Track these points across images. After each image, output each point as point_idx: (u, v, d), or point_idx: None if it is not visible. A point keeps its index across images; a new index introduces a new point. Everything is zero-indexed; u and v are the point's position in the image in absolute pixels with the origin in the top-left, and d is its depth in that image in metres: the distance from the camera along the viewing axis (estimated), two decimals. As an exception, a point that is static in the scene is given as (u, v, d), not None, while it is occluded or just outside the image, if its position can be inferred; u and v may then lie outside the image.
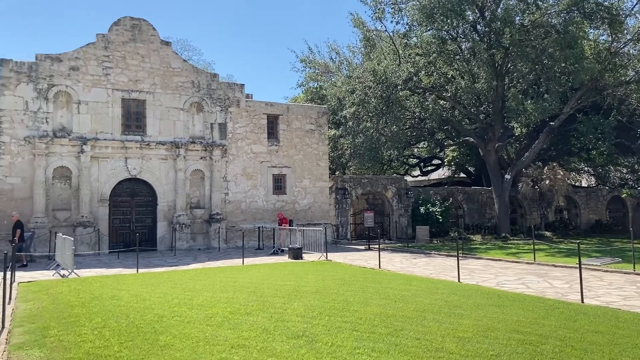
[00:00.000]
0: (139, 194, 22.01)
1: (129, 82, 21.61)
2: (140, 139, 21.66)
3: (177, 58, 23.08)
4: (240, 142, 23.87)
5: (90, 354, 6.14)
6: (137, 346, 6.47)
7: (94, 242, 20.09)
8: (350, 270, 14.96)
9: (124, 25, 21.66)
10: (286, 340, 6.81)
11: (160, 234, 21.94)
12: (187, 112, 22.84)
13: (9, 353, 6.38)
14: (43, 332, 7.29)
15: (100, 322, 7.79)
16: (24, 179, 19.69)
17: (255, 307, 8.94)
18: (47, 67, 20.25)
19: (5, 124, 19.50)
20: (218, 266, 16.18)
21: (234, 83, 24.31)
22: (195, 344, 6.60)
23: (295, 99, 38.09)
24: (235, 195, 23.61)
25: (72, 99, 20.65)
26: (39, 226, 19.16)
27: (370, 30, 29.86)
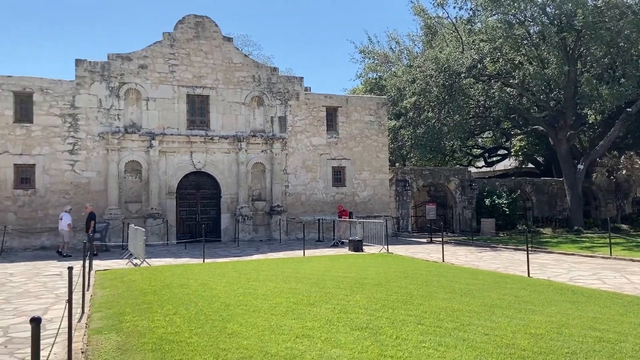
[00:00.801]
0: (203, 186, 22.71)
1: (193, 78, 22.29)
2: (204, 134, 22.31)
3: (239, 53, 23.53)
4: (299, 135, 24.05)
5: (163, 340, 6.38)
6: (206, 333, 6.66)
7: (162, 233, 20.98)
8: (413, 263, 14.72)
9: (188, 23, 22.34)
10: (350, 332, 6.78)
11: (224, 225, 22.56)
12: (248, 106, 23.27)
13: (89, 337, 6.74)
14: (119, 317, 7.67)
15: (171, 309, 8.10)
16: (99, 172, 20.82)
17: (317, 298, 8.98)
18: (118, 66, 21.25)
19: (81, 121, 20.67)
20: (280, 257, 16.43)
21: (293, 76, 24.49)
22: (261, 332, 6.70)
23: (354, 90, 37.90)
24: (295, 188, 23.86)
25: (141, 96, 21.57)
26: (112, 217, 20.22)
27: (431, 18, 29.13)
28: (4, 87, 19.70)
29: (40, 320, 3.95)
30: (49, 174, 20.20)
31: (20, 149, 19.83)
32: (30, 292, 10.79)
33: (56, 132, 20.33)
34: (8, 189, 19.62)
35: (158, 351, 5.94)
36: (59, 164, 20.33)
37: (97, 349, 6.17)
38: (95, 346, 6.30)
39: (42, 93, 20.19)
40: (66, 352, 6.41)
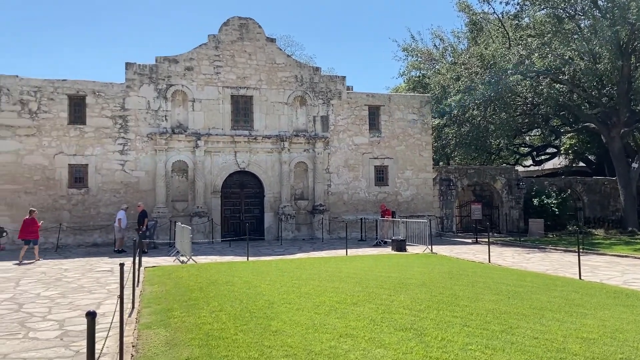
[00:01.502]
0: (247, 185, 23.05)
1: (237, 79, 22.66)
2: (248, 134, 22.64)
3: (282, 54, 23.75)
4: (342, 134, 24.04)
5: (210, 336, 6.51)
6: (251, 330, 6.76)
7: (208, 231, 21.44)
8: (458, 263, 14.45)
9: (232, 25, 22.73)
10: (394, 332, 6.72)
11: (267, 224, 22.84)
12: (291, 106, 23.45)
13: (139, 331, 6.97)
14: (167, 313, 7.89)
15: (217, 305, 8.26)
16: (147, 172, 21.48)
17: (361, 297, 8.95)
18: (165, 68, 21.86)
19: (131, 122, 21.39)
20: (322, 256, 16.47)
21: (335, 76, 24.49)
22: (305, 330, 6.74)
23: (397, 88, 37.53)
24: (337, 187, 23.86)
25: (187, 97, 22.11)
26: (160, 216, 20.82)
27: (476, 14, 28.49)
28: (59, 91, 20.63)
29: (95, 315, 4.11)
30: (100, 173, 21.00)
31: (74, 149, 20.71)
32: (83, 287, 11.25)
33: (107, 133, 21.12)
34: (63, 188, 20.53)
35: (205, 347, 6.08)
36: (110, 163, 21.11)
37: (146, 343, 6.37)
38: (145, 340, 6.51)
39: (95, 96, 21.02)
40: (118, 346, 6.66)
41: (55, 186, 20.42)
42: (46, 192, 20.26)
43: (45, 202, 20.15)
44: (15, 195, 19.86)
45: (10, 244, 19.55)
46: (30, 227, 16.20)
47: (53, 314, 8.54)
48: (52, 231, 19.86)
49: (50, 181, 20.35)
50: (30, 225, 16.25)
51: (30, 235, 16.19)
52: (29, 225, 16.28)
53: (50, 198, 20.27)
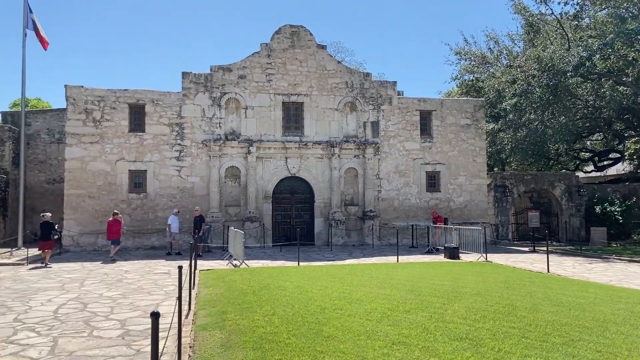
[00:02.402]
0: (297, 191, 23.26)
1: (288, 86, 22.97)
2: (299, 140, 22.87)
3: (332, 60, 23.88)
4: (392, 140, 23.85)
5: (263, 339, 6.61)
6: (303, 335, 6.80)
7: (259, 236, 21.79)
8: (514, 272, 13.97)
9: (284, 33, 23.09)
10: (448, 342, 6.58)
11: (317, 229, 22.94)
12: (341, 112, 23.51)
13: (195, 333, 7.17)
14: (222, 315, 8.07)
15: (269, 309, 8.37)
16: (202, 178, 22.10)
17: (413, 305, 8.82)
18: (219, 77, 22.47)
19: (187, 130, 22.10)
20: (373, 263, 16.36)
21: (386, 81, 24.35)
22: (357, 337, 6.71)
23: (449, 93, 36.85)
24: (388, 193, 23.67)
25: (240, 105, 22.62)
26: (214, 220, 21.35)
27: (533, 15, 27.55)
28: (120, 100, 21.61)
29: (159, 315, 4.29)
30: (158, 179, 21.79)
31: (134, 156, 21.61)
32: (143, 288, 11.69)
33: (165, 140, 21.91)
34: (123, 193, 21.44)
35: (259, 350, 6.17)
36: (167, 169, 21.87)
37: (203, 345, 6.54)
38: (201, 342, 6.68)
39: (153, 104, 21.87)
40: (176, 346, 6.87)
41: (117, 191, 21.36)
42: (108, 196, 21.22)
43: (107, 206, 21.10)
44: (80, 199, 20.92)
45: (74, 246, 20.60)
46: (113, 228, 17.81)
47: (115, 313, 8.92)
48: (113, 234, 20.75)
49: (111, 186, 21.31)
50: (114, 227, 17.83)
51: (113, 235, 17.78)
52: (112, 226, 17.89)
53: (112, 202, 21.21)
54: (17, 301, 10.07)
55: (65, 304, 9.74)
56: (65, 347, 6.83)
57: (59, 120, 25.25)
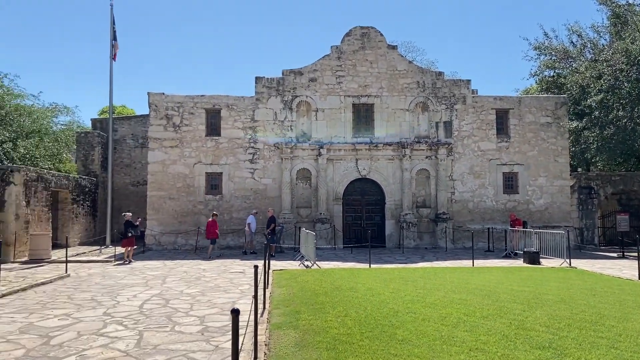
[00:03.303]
0: (368, 193, 23.13)
1: (358, 87, 22.93)
2: (369, 141, 22.75)
3: (403, 60, 23.56)
4: (466, 140, 23.12)
5: (337, 340, 6.60)
6: (377, 337, 6.72)
7: (330, 237, 21.90)
8: (601, 279, 13.06)
9: (354, 35, 23.09)
10: (530, 350, 6.25)
11: (388, 231, 22.69)
12: (412, 113, 23.13)
13: (270, 331, 7.30)
14: (296, 315, 8.16)
15: (342, 311, 8.36)
16: (274, 180, 22.57)
17: (491, 311, 8.47)
18: (291, 80, 22.85)
19: (259, 133, 22.66)
20: (447, 266, 15.92)
21: (459, 79, 23.66)
22: (432, 342, 6.54)
23: (527, 90, 35.18)
24: (462, 195, 22.96)
25: (310, 108, 22.88)
26: (286, 221, 21.72)
27: (620, 6, 25.69)
28: (198, 105, 22.56)
29: (239, 312, 4.41)
30: (233, 181, 22.51)
31: (210, 159, 22.46)
32: (219, 286, 12.09)
33: (239, 144, 22.59)
34: (201, 195, 22.34)
35: (332, 350, 6.17)
36: (241, 172, 22.53)
37: (278, 343, 6.64)
38: (276, 340, 6.79)
39: (228, 109, 22.63)
40: (252, 344, 7.03)
41: (194, 193, 22.29)
42: (187, 198, 22.20)
43: (186, 207, 22.09)
44: (161, 200, 22.05)
45: (156, 245, 21.73)
46: (211, 228, 18.94)
47: (194, 310, 9.28)
48: (191, 234, 21.71)
49: (190, 188, 22.28)
50: (212, 227, 18.95)
51: (211, 235, 18.91)
52: (210, 226, 19.02)
53: (190, 204, 22.17)
54: (106, 296, 10.76)
55: (149, 300, 10.28)
56: (150, 340, 7.20)
57: (142, 126, 26.77)
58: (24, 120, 19.17)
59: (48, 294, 11.05)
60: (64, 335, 7.48)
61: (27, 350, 6.72)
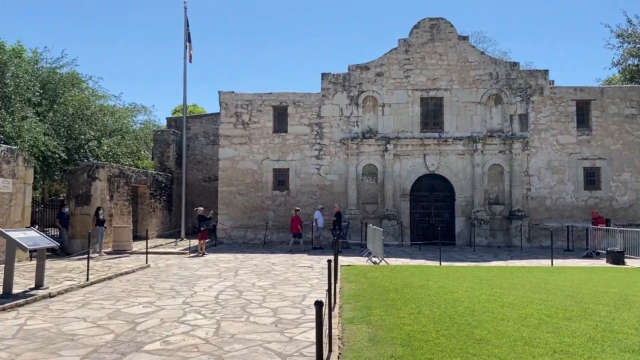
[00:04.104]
0: (437, 189, 22.61)
1: (427, 81, 22.44)
2: (438, 136, 22.22)
3: (474, 51, 22.78)
4: (543, 133, 22.02)
5: (411, 337, 6.49)
6: (453, 336, 6.54)
7: (397, 234, 21.62)
8: (698, 283, 11.99)
9: (423, 27, 22.61)
10: (618, 353, 5.85)
11: (458, 229, 22.08)
12: (484, 106, 22.33)
13: (342, 325, 7.29)
14: (367, 310, 8.10)
15: (414, 308, 8.21)
16: (340, 175, 22.59)
17: (574, 312, 8.01)
18: (357, 76, 22.75)
19: (325, 129, 22.75)
20: (522, 265, 15.26)
21: (535, 70, 22.54)
22: (513, 342, 6.27)
23: (610, 80, 32.99)
24: (538, 191, 21.91)
25: (377, 103, 22.66)
26: (352, 217, 21.69)
27: None
28: (265, 103, 22.99)
29: (322, 304, 4.43)
30: (299, 177, 22.76)
31: (277, 155, 22.84)
32: (289, 280, 12.27)
33: (305, 140, 22.80)
34: (268, 190, 22.78)
35: (408, 347, 6.06)
36: (308, 168, 22.73)
37: (351, 337, 6.61)
38: (349, 334, 6.77)
39: (295, 106, 22.89)
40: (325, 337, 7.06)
41: (262, 188, 22.76)
42: (255, 193, 22.71)
43: (254, 202, 22.61)
44: (231, 196, 22.70)
45: (227, 239, 22.40)
46: (294, 223, 19.58)
47: (267, 302, 9.47)
48: (260, 228, 22.21)
49: (258, 184, 22.77)
50: (295, 222, 19.58)
51: (295, 230, 19.53)
52: (294, 221, 19.65)
53: (259, 199, 22.66)
54: (184, 286, 11.22)
55: (224, 291, 10.61)
56: (227, 330, 7.41)
57: (213, 124, 27.69)
58: (107, 119, 20.35)
59: (131, 283, 11.69)
60: (149, 322, 7.87)
61: (116, 335, 7.12)
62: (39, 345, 6.63)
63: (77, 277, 12.19)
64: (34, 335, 7.16)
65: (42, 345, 6.66)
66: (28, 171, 15.69)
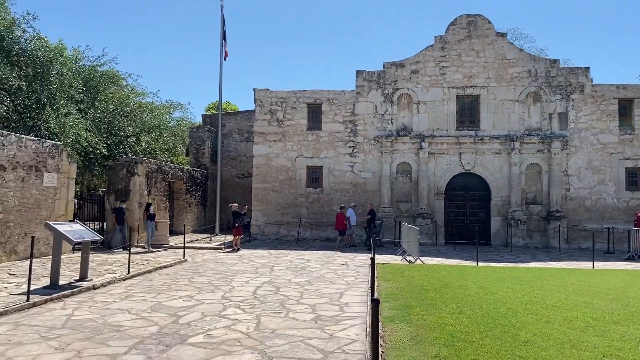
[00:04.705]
0: (472, 188, 22.27)
1: (463, 78, 22.11)
2: (474, 134, 21.87)
3: (513, 48, 22.31)
4: (583, 132, 21.42)
5: (454, 337, 6.41)
6: (498, 337, 6.43)
7: (431, 233, 21.39)
8: None
9: (459, 24, 22.26)
10: (674, 361, 5.64)
11: (493, 228, 21.71)
12: (523, 104, 21.86)
13: (383, 324, 7.25)
14: (407, 309, 8.05)
15: (455, 308, 8.11)
16: (374, 173, 22.49)
17: (622, 316, 7.77)
18: (392, 73, 22.59)
19: (359, 127, 22.68)
20: (562, 267, 14.89)
21: (576, 67, 21.93)
22: (560, 345, 6.12)
23: (653, 77, 31.83)
24: (577, 192, 21.33)
25: (412, 100, 22.45)
26: (385, 215, 21.57)
27: None
28: (300, 100, 23.06)
29: (378, 302, 4.43)
30: (333, 174, 22.76)
31: (311, 152, 22.89)
32: (324, 277, 12.28)
33: (339, 137, 22.78)
34: (302, 187, 22.87)
35: (452, 347, 6.00)
36: (341, 165, 22.71)
37: (392, 336, 6.58)
38: (390, 333, 6.74)
39: (329, 103, 22.89)
40: (364, 334, 7.06)
41: (296, 185, 22.87)
42: (289, 190, 22.84)
43: (288, 199, 22.74)
44: (265, 192, 22.89)
45: (260, 235, 22.61)
46: (339, 220, 19.64)
47: (304, 298, 9.51)
48: (293, 225, 22.33)
49: (292, 181, 22.89)
50: (340, 219, 19.64)
51: (341, 226, 19.56)
52: (339, 218, 19.74)
53: (292, 196, 22.78)
54: (222, 281, 11.38)
55: (261, 287, 10.71)
56: (268, 325, 7.48)
57: (247, 121, 27.96)
58: (146, 116, 20.82)
59: (170, 277, 11.93)
60: (190, 315, 8.01)
61: (160, 327, 7.28)
62: (87, 335, 6.83)
63: (119, 270, 12.51)
64: (82, 325, 7.38)
65: (90, 335, 6.87)
66: (71, 166, 16.19)
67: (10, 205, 13.51)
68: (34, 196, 14.47)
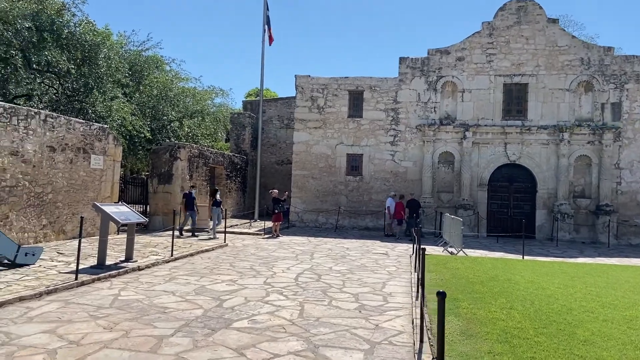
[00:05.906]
0: (517, 179, 21.57)
1: (511, 66, 21.33)
2: (521, 124, 21.13)
3: (565, 35, 21.33)
4: (638, 124, 20.38)
5: (507, 333, 6.15)
6: (553, 335, 6.13)
7: (473, 224, 20.88)
8: None
9: (509, 9, 21.44)
10: None
11: (538, 222, 21.00)
12: (573, 93, 20.93)
13: (429, 316, 7.05)
14: (454, 302, 7.80)
15: (505, 302, 7.82)
16: (415, 162, 22.08)
17: (686, 319, 7.30)
18: (436, 60, 22.01)
19: (401, 114, 22.26)
20: (613, 264, 14.23)
21: (632, 55, 20.79)
22: (622, 346, 5.78)
23: None
24: (629, 185, 20.37)
25: (456, 88, 21.85)
26: (426, 205, 21.17)
27: None
28: (341, 87, 22.80)
29: (445, 295, 4.30)
30: (373, 163, 22.48)
31: (352, 140, 22.65)
32: (366, 266, 12.13)
33: (380, 125, 22.44)
34: (342, 175, 22.70)
35: (505, 344, 5.75)
36: (382, 154, 22.39)
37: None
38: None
39: (371, 90, 22.54)
40: (410, 326, 6.87)
41: (335, 173, 22.71)
42: (328, 178, 22.71)
43: (327, 187, 22.63)
44: (304, 179, 22.84)
45: (299, 222, 22.62)
46: (398, 208, 19.50)
47: (347, 287, 9.38)
48: (332, 213, 22.22)
49: (331, 168, 22.74)
50: (399, 207, 19.51)
51: (397, 215, 19.44)
52: (398, 207, 19.54)
53: (331, 184, 22.65)
54: (263, 266, 11.39)
55: (302, 274, 10.65)
56: (311, 312, 7.39)
57: (287, 108, 27.92)
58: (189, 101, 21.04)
59: (212, 261, 12.03)
60: (234, 300, 8.01)
61: (205, 311, 7.30)
62: (134, 316, 6.91)
63: (162, 252, 12.71)
64: (129, 305, 7.48)
65: (137, 315, 6.94)
66: (117, 149, 16.52)
67: (59, 186, 13.90)
68: (82, 177, 14.85)
